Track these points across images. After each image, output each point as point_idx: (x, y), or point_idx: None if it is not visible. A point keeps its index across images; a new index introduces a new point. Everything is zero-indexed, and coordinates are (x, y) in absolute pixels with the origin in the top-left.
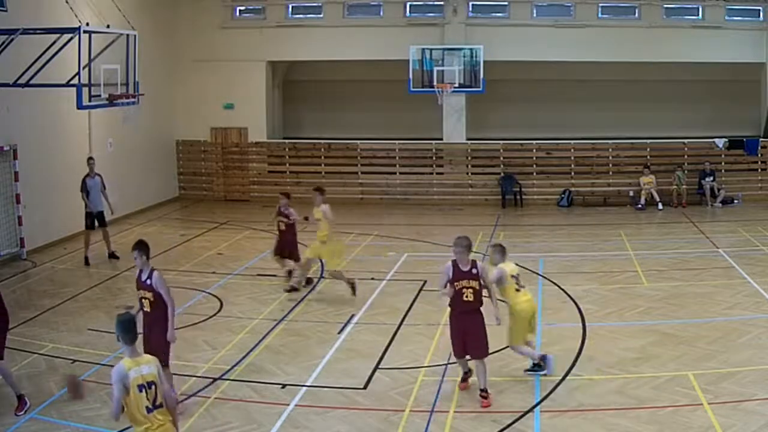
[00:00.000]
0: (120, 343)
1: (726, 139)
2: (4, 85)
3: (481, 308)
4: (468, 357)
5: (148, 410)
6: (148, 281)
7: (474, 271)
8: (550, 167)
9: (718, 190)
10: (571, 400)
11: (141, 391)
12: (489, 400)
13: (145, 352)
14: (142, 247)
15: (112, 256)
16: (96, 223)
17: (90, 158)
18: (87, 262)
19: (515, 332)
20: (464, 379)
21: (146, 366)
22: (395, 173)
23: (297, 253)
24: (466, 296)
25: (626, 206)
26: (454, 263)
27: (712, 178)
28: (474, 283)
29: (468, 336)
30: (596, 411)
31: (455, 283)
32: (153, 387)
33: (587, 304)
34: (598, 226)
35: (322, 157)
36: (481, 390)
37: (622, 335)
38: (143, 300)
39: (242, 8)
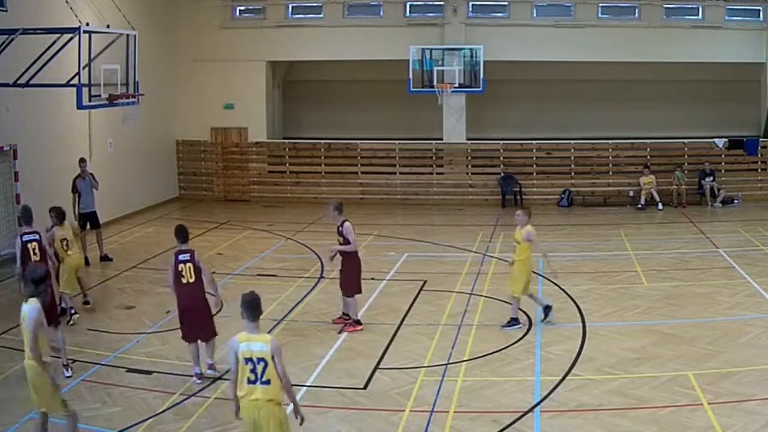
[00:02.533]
0: (244, 319)
1: (726, 139)
2: (4, 85)
3: None
4: None
5: (250, 382)
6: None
7: None
8: (550, 167)
9: (718, 190)
10: (571, 400)
11: (247, 363)
12: None
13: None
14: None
15: (105, 258)
16: (88, 225)
17: (82, 159)
18: (87, 262)
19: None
20: None
21: (258, 344)
22: (395, 173)
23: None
24: None
25: (626, 206)
26: None
27: (712, 178)
28: None
29: None
30: (596, 411)
31: None
32: (261, 363)
33: (587, 304)
34: (598, 226)
35: (322, 157)
36: None
37: (622, 335)
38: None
39: (242, 8)
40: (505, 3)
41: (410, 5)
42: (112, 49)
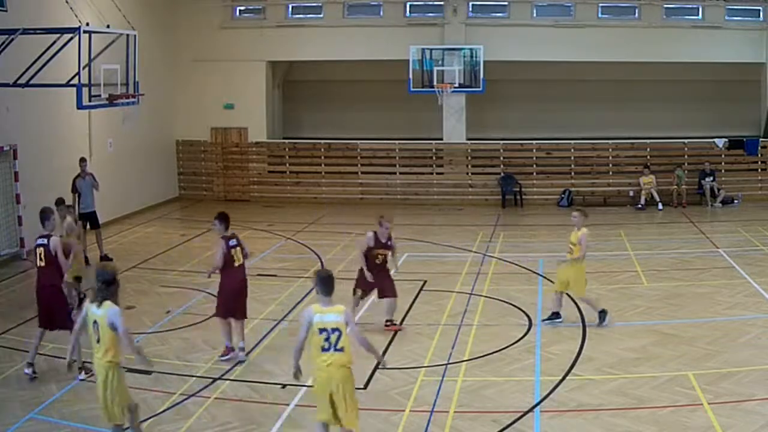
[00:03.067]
0: (318, 294)
1: (726, 139)
2: (4, 85)
3: None
4: None
5: (324, 350)
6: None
7: None
8: (550, 167)
9: (718, 190)
10: (571, 400)
11: (321, 333)
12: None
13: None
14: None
15: (105, 258)
16: (88, 225)
17: (82, 159)
18: (87, 262)
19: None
20: None
21: (332, 315)
22: (395, 173)
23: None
24: None
25: (626, 206)
26: None
27: (712, 178)
28: None
29: None
30: (596, 411)
31: None
32: (336, 333)
33: (587, 304)
34: (598, 226)
35: (322, 157)
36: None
37: (622, 335)
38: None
39: (242, 8)
40: (505, 3)
41: (410, 5)
42: (112, 49)
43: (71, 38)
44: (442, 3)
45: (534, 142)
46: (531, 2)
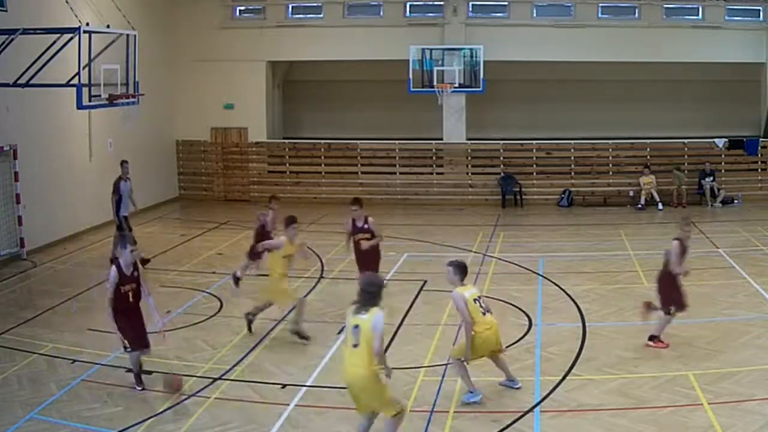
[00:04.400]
0: (456, 278)
1: (726, 139)
2: (4, 85)
3: None
4: None
5: (483, 314)
6: (365, 225)
7: None
8: (550, 167)
9: (718, 190)
10: (571, 400)
11: (476, 302)
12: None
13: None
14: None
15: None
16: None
17: (124, 161)
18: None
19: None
20: None
21: (471, 289)
22: (395, 173)
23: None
24: None
25: (626, 206)
26: None
27: (712, 179)
28: None
29: None
30: (596, 411)
31: None
32: (480, 299)
33: (587, 304)
34: (599, 226)
35: (322, 157)
36: None
37: (622, 335)
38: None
39: (242, 8)
40: (505, 3)
41: (410, 5)
42: (112, 49)
43: (71, 38)
44: (442, 3)
45: (534, 142)
46: (531, 2)
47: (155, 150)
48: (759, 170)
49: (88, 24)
